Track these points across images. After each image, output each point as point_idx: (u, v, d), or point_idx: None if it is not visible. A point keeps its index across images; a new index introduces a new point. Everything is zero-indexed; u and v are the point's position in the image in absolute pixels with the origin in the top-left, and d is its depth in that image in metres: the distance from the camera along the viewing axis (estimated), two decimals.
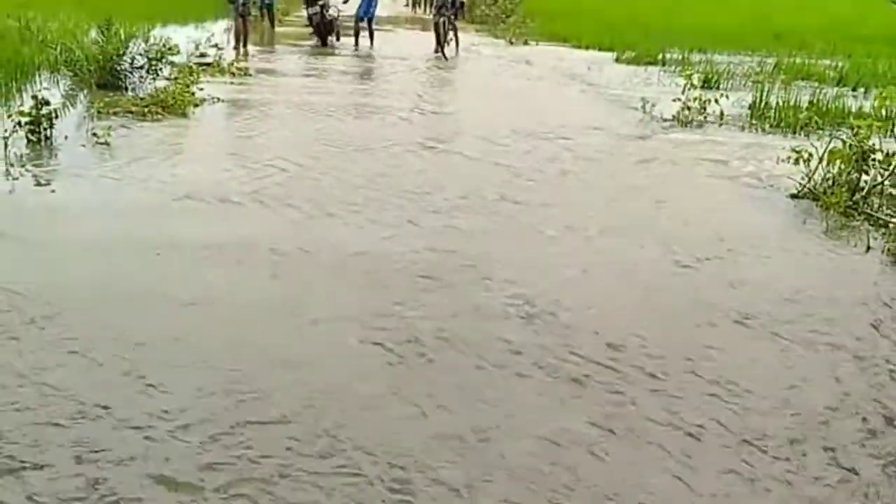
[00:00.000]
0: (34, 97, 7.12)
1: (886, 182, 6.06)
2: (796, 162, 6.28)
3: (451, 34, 14.38)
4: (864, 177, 6.10)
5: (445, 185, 6.27)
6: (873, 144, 6.10)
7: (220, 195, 5.73)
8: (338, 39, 16.46)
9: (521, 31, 19.20)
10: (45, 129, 6.99)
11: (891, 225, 5.51)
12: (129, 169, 6.32)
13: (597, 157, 7.47)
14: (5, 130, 6.70)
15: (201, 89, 9.49)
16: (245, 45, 14.32)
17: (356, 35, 16.08)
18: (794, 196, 6.24)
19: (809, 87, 11.19)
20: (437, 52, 14.56)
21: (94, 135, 7.13)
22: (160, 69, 9.98)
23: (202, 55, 12.03)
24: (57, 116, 7.25)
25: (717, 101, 9.07)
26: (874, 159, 6.08)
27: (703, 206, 6.07)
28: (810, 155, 6.24)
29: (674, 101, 9.19)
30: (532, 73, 13.62)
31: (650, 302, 4.28)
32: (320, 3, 16.05)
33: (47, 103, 7.07)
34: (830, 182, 6.17)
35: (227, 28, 14.83)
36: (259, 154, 6.94)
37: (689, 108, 9.09)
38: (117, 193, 5.80)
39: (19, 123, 6.85)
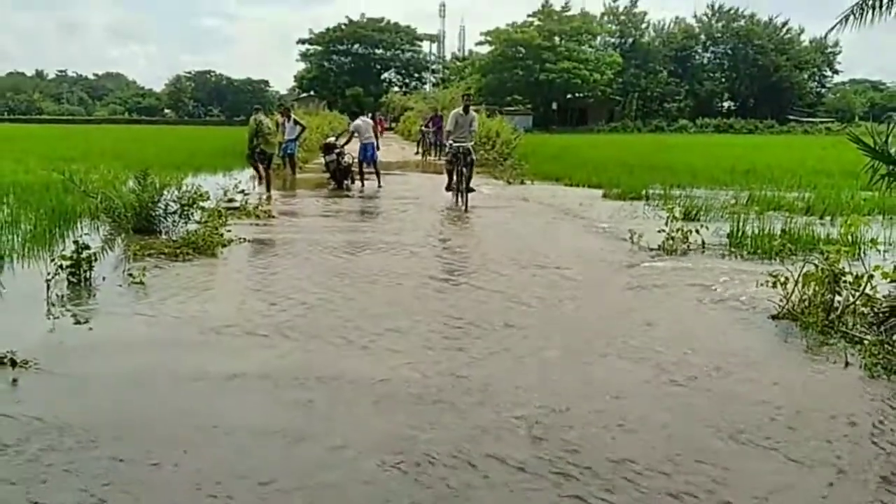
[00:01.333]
0: (75, 242, 7.30)
1: (858, 302, 6.12)
2: (774, 285, 6.36)
3: (462, 185, 13.67)
4: (837, 297, 6.16)
5: (455, 313, 6.35)
6: (843, 268, 6.19)
7: (246, 328, 5.80)
8: (353, 183, 17.04)
9: (518, 172, 19.84)
10: (84, 272, 7.17)
11: (865, 342, 5.53)
12: (163, 306, 6.42)
13: (591, 285, 7.58)
14: (48, 273, 6.84)
15: (229, 231, 9.74)
16: (269, 190, 14.79)
17: (361, 178, 16.70)
18: (774, 317, 6.29)
19: (781, 217, 11.44)
20: (447, 188, 14.46)
21: (130, 275, 7.28)
22: (191, 214, 10.30)
23: (230, 200, 12.39)
24: (96, 259, 7.45)
25: (697, 231, 9.30)
26: (845, 281, 6.16)
27: (691, 328, 6.11)
28: (786, 279, 6.33)
29: (658, 232, 9.39)
30: (529, 209, 13.98)
31: (647, 418, 4.26)
32: (336, 151, 16.77)
33: (87, 247, 7.26)
34: (807, 303, 6.22)
35: (253, 176, 15.33)
36: (282, 289, 7.05)
37: (672, 238, 9.27)
38: (151, 329, 5.87)
39: (61, 266, 7.02)
